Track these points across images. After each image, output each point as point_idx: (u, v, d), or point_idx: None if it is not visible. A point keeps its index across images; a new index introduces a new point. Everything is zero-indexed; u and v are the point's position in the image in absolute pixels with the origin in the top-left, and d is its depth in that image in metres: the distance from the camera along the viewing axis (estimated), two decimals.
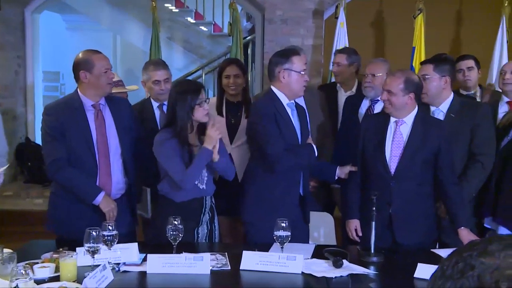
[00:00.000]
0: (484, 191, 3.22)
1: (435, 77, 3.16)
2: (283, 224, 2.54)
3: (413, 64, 5.04)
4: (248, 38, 7.17)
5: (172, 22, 8.36)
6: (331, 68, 4.10)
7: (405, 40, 5.33)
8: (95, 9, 8.16)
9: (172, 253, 2.54)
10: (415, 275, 2.40)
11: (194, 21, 8.53)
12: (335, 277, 2.40)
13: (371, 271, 2.51)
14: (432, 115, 3.21)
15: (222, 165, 2.98)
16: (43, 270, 2.35)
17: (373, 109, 3.68)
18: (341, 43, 5.21)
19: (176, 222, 2.57)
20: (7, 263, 2.25)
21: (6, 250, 2.41)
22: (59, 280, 2.29)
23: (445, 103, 3.23)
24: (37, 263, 2.42)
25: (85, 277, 2.17)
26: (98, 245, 2.34)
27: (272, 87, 3.08)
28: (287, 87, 3.04)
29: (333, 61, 4.10)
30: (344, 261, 2.53)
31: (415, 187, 2.94)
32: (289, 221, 2.57)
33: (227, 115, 3.68)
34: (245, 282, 2.44)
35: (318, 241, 3.32)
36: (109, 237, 2.42)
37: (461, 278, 0.72)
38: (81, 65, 2.98)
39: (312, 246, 2.89)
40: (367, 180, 3.03)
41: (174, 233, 2.57)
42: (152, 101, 3.70)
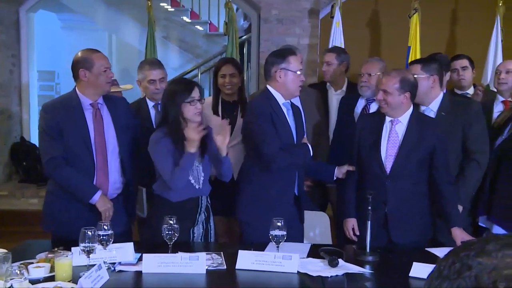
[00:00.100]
0: (479, 190, 3.24)
1: (423, 77, 3.17)
2: (279, 224, 2.54)
3: (408, 64, 5.04)
4: (244, 38, 7.17)
5: (168, 21, 8.35)
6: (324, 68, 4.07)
7: (401, 40, 5.34)
8: (91, 8, 8.13)
9: (168, 253, 2.54)
10: (410, 274, 2.41)
11: (190, 20, 8.52)
12: (331, 276, 2.40)
13: (367, 270, 2.52)
14: None
15: (228, 161, 2.97)
16: (38, 270, 2.34)
17: (369, 109, 3.69)
18: (337, 43, 5.21)
19: (172, 222, 2.56)
20: (2, 263, 2.23)
21: (1, 250, 2.40)
22: (54, 280, 2.28)
23: (435, 102, 3.25)
24: (32, 263, 2.42)
25: (80, 277, 2.16)
26: (94, 245, 2.33)
27: (268, 87, 3.08)
28: (283, 87, 3.04)
29: (323, 60, 4.07)
30: (340, 260, 2.53)
31: (411, 186, 2.94)
32: (284, 221, 2.58)
33: (223, 115, 3.68)
34: (241, 282, 2.44)
35: (314, 241, 3.32)
36: (105, 237, 2.42)
37: (458, 279, 0.71)
38: (81, 64, 2.99)
39: (308, 246, 2.89)
40: (363, 180, 3.03)
41: (170, 233, 2.56)
42: (148, 101, 3.70)
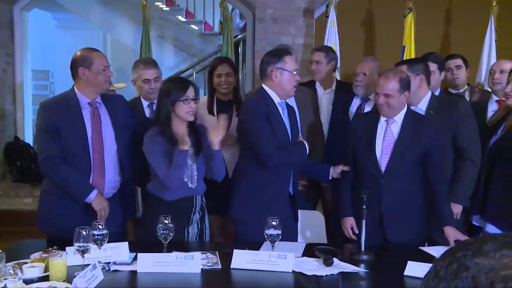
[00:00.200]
0: (473, 189, 3.25)
1: (410, 77, 3.18)
2: (274, 223, 2.54)
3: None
4: (239, 37, 7.17)
5: (163, 21, 8.33)
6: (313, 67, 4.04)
7: (395, 39, 5.34)
8: (85, 8, 8.11)
9: (163, 252, 2.53)
10: (405, 273, 2.42)
11: (185, 20, 8.50)
12: (326, 276, 2.41)
13: (362, 269, 2.52)
14: None
15: (219, 158, 2.96)
16: (32, 270, 2.33)
17: (364, 108, 3.70)
18: (332, 42, 5.22)
19: (167, 221, 2.56)
20: None
21: None
22: (49, 280, 2.27)
23: (423, 102, 3.26)
24: (26, 263, 2.40)
25: (75, 277, 2.16)
26: (88, 245, 2.32)
27: (264, 86, 3.09)
28: (279, 86, 3.05)
29: (311, 59, 4.05)
30: (335, 259, 2.54)
31: (406, 185, 2.95)
32: (279, 220, 2.58)
33: (218, 114, 3.67)
34: (236, 281, 2.44)
35: (309, 240, 3.32)
36: (99, 236, 2.41)
37: (455, 280, 0.71)
38: (80, 62, 2.99)
39: (303, 245, 2.90)
40: (358, 179, 3.04)
41: (165, 232, 2.56)
42: (142, 100, 3.69)
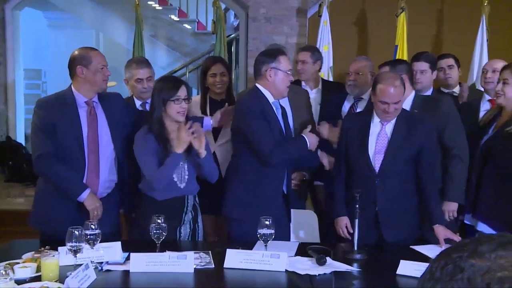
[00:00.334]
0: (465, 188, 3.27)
1: None
2: (267, 222, 2.54)
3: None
4: (232, 36, 7.17)
5: (156, 20, 8.31)
6: (299, 66, 4.01)
7: (388, 39, 5.36)
8: (77, 6, 8.07)
9: (156, 252, 2.53)
10: (398, 272, 2.43)
11: (178, 19, 8.49)
12: (319, 275, 2.41)
13: (355, 268, 2.53)
14: None
15: (208, 163, 2.96)
16: (24, 270, 2.32)
17: (356, 107, 3.70)
18: (325, 42, 5.23)
19: (160, 221, 2.55)
20: None
21: None
22: (41, 280, 2.26)
23: (407, 101, 3.28)
24: (18, 263, 2.39)
25: (67, 277, 2.15)
26: (81, 244, 2.31)
27: (258, 85, 3.09)
28: (273, 86, 3.05)
29: (297, 59, 4.02)
30: (328, 259, 2.54)
31: (400, 185, 2.96)
32: (273, 219, 2.58)
33: (211, 114, 3.67)
34: (229, 281, 2.44)
35: (302, 239, 3.32)
36: (92, 236, 2.40)
37: (451, 281, 0.70)
38: (78, 61, 2.99)
39: (296, 244, 2.90)
40: (351, 179, 3.04)
41: (158, 232, 2.55)
42: (135, 99, 3.68)
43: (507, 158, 3.05)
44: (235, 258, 2.51)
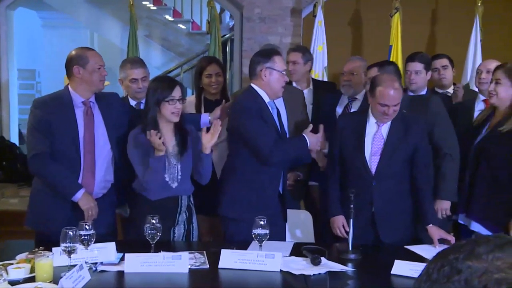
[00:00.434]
0: (458, 188, 3.28)
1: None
2: (262, 222, 2.54)
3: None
4: (227, 36, 7.16)
5: (150, 20, 8.29)
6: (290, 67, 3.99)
7: (382, 39, 5.37)
8: (72, 6, 8.04)
9: (150, 252, 2.52)
10: (392, 272, 2.43)
11: (173, 19, 8.47)
12: (313, 275, 2.41)
13: (349, 268, 2.53)
14: None
15: (208, 164, 2.96)
16: (18, 271, 2.31)
17: (350, 107, 3.71)
18: (319, 42, 5.23)
19: (154, 221, 2.55)
20: None
21: None
22: (35, 281, 2.25)
23: None
24: (12, 264, 2.38)
25: (61, 278, 2.14)
26: (75, 245, 2.31)
27: (253, 85, 3.09)
28: (268, 86, 3.06)
29: (288, 60, 4.00)
30: (322, 259, 2.54)
31: (396, 186, 2.97)
32: (268, 219, 2.58)
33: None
34: (224, 281, 2.44)
35: (297, 239, 3.33)
36: (86, 237, 2.39)
37: (448, 283, 0.69)
38: (75, 61, 2.99)
39: (291, 244, 2.90)
40: (346, 179, 3.04)
41: (152, 232, 2.55)
42: (130, 100, 3.67)
43: (500, 158, 3.06)
44: (230, 258, 2.50)
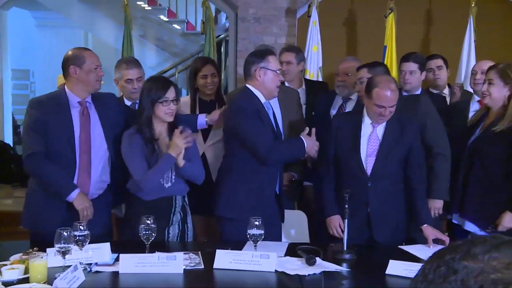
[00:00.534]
0: (452, 188, 3.29)
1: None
2: (257, 223, 2.54)
3: (385, 63, 5.09)
4: (221, 37, 7.16)
5: (145, 20, 8.28)
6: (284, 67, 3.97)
7: (377, 39, 5.38)
8: (66, 6, 8.02)
9: (145, 253, 2.52)
10: (387, 272, 2.44)
11: (167, 19, 8.47)
12: (308, 275, 2.41)
13: (344, 268, 2.53)
14: None
15: (188, 171, 2.96)
16: (12, 272, 2.30)
17: (345, 107, 3.72)
18: (314, 42, 5.23)
19: (149, 222, 2.55)
20: None
21: None
22: (29, 282, 2.24)
23: None
24: (6, 265, 2.37)
25: (56, 278, 2.14)
26: (69, 246, 2.30)
27: (248, 86, 3.10)
28: (263, 86, 3.07)
29: (282, 60, 3.97)
30: (317, 259, 2.54)
31: (391, 186, 2.98)
32: (265, 219, 2.58)
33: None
34: (219, 281, 2.44)
35: (292, 239, 3.33)
36: (81, 237, 2.38)
37: (444, 283, 0.69)
38: (71, 61, 2.99)
39: (286, 244, 2.90)
40: (341, 180, 3.04)
41: (147, 233, 2.54)
42: (125, 100, 3.67)
43: (493, 158, 3.07)
44: (225, 259, 2.50)
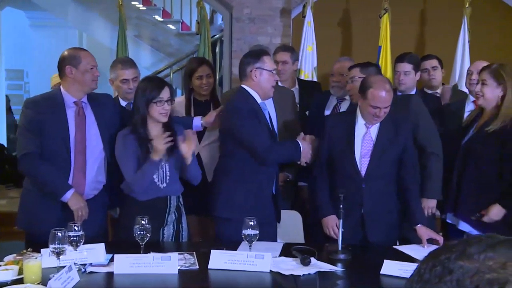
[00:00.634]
0: (446, 188, 3.30)
1: (362, 78, 3.21)
2: (251, 223, 2.55)
3: (380, 63, 5.10)
4: (216, 37, 7.16)
5: (140, 20, 8.27)
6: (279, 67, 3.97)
7: (372, 39, 5.39)
8: (60, 6, 8.00)
9: (140, 253, 2.52)
10: (382, 272, 2.44)
11: (162, 19, 8.46)
12: (303, 275, 2.42)
13: (339, 269, 2.54)
14: None
15: (193, 169, 2.98)
16: (6, 273, 2.29)
17: (339, 108, 3.72)
18: (309, 42, 5.24)
19: (144, 222, 2.54)
20: None
21: None
22: (23, 283, 2.23)
23: None
24: (0, 266, 2.36)
25: (50, 279, 2.13)
26: (64, 246, 2.29)
27: (244, 86, 3.10)
28: (258, 86, 3.07)
29: (277, 60, 3.97)
30: (312, 259, 2.55)
31: (385, 186, 2.99)
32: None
33: (195, 115, 3.65)
34: (214, 281, 2.44)
35: (286, 239, 3.33)
36: (75, 238, 2.38)
37: (439, 283, 0.69)
38: (67, 60, 2.99)
39: (280, 244, 2.90)
40: (335, 180, 3.05)
41: (142, 233, 2.54)
42: (120, 100, 3.65)
43: (487, 158, 3.08)
44: (220, 259, 2.50)
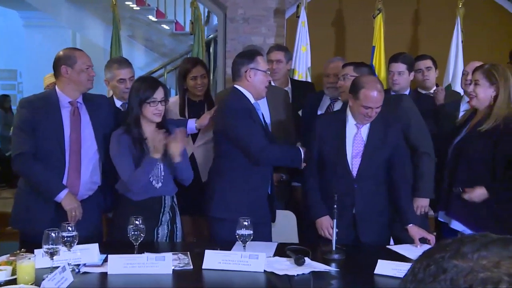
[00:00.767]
0: (438, 187, 3.32)
1: (355, 76, 3.22)
2: (245, 223, 2.55)
3: (373, 63, 5.12)
4: (210, 37, 7.16)
5: (133, 20, 8.26)
6: (274, 66, 3.96)
7: (365, 39, 5.40)
8: (54, 6, 7.98)
9: (134, 253, 2.51)
10: (376, 272, 2.45)
11: (156, 19, 8.45)
12: (297, 275, 2.42)
13: (333, 268, 2.54)
14: None
15: (182, 168, 2.96)
16: None
17: (333, 108, 3.72)
18: (303, 42, 5.24)
19: (138, 222, 2.54)
20: None
21: None
22: (16, 283, 2.23)
23: None
24: None
25: (44, 280, 2.12)
26: (57, 247, 2.28)
27: (237, 86, 3.10)
28: (252, 86, 3.08)
29: (271, 59, 3.98)
30: (306, 259, 2.55)
31: (376, 187, 3.00)
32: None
33: (189, 115, 3.66)
34: (208, 282, 2.44)
35: (280, 239, 3.33)
36: (69, 238, 2.37)
37: (434, 282, 0.69)
38: (63, 60, 2.99)
39: (274, 245, 2.90)
40: (326, 180, 3.04)
41: (136, 233, 2.54)
42: (115, 100, 3.64)
43: (478, 157, 3.09)
44: (214, 259, 2.50)
